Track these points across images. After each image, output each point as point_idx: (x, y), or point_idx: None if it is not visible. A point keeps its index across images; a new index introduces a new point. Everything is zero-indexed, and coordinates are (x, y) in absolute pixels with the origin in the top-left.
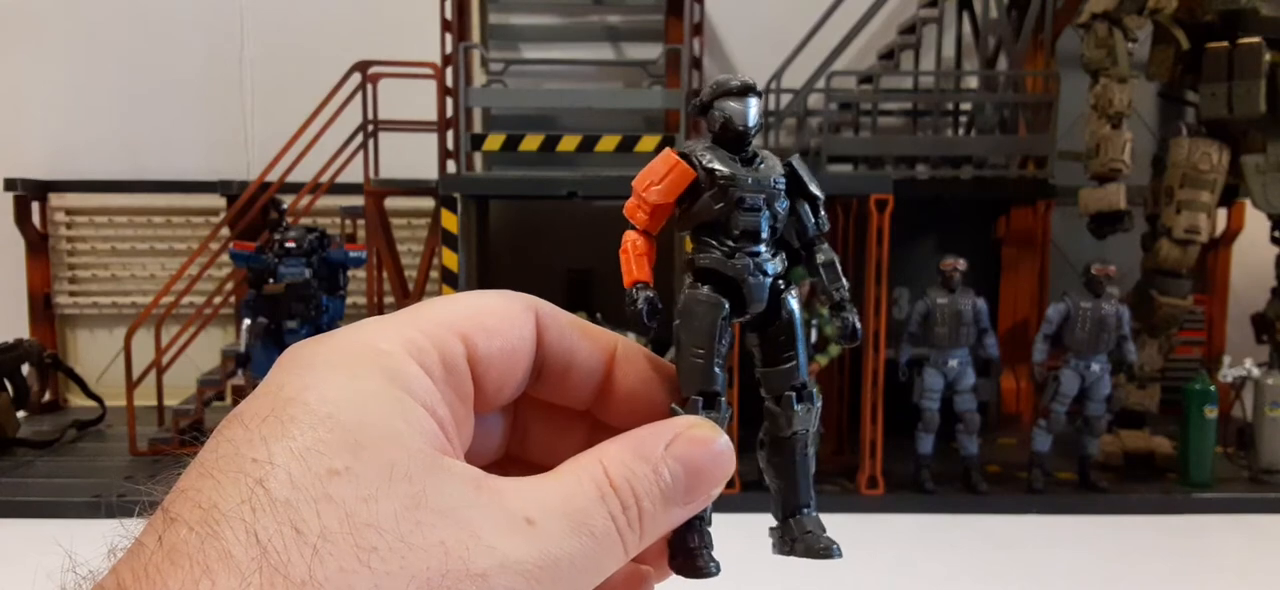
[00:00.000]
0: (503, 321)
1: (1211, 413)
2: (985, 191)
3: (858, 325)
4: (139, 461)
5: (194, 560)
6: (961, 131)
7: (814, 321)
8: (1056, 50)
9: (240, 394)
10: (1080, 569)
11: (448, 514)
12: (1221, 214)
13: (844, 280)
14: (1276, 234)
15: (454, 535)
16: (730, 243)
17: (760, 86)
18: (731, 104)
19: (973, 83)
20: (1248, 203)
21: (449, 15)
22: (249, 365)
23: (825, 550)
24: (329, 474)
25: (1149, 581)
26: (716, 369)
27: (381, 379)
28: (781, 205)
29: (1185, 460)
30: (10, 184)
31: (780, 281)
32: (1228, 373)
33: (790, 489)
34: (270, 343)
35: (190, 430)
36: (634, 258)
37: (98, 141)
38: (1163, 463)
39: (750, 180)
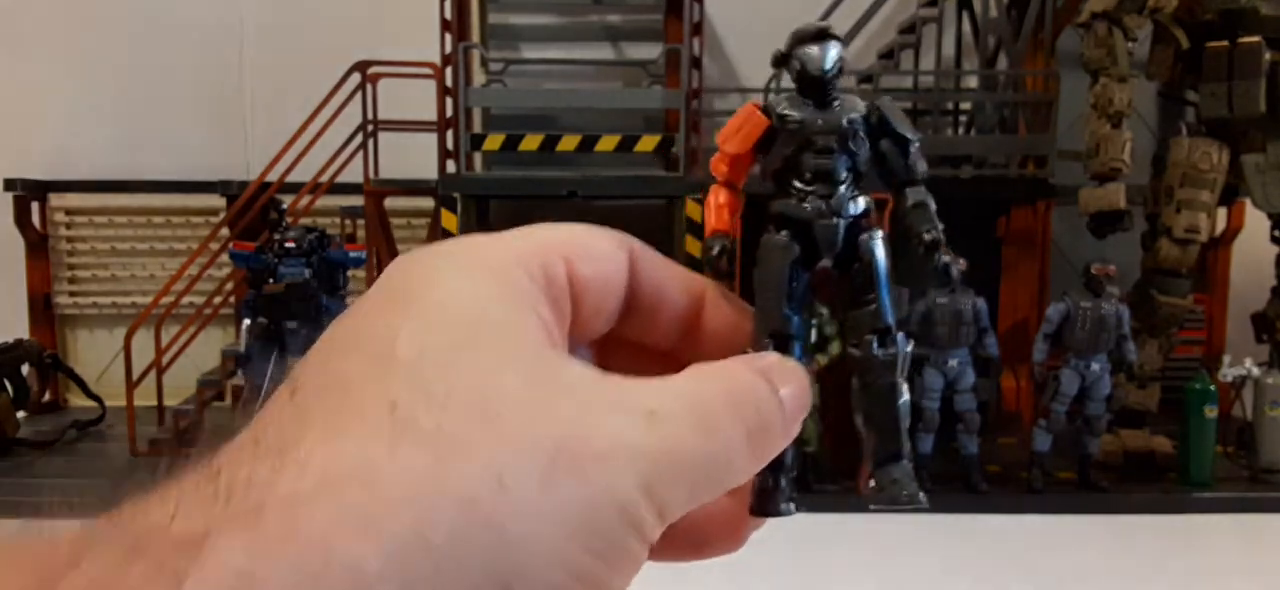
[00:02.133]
0: (600, 249)
1: (1211, 413)
2: (985, 191)
3: (951, 265)
4: (139, 461)
5: (327, 416)
6: (961, 131)
7: (813, 321)
8: (1056, 50)
9: (240, 394)
10: (1080, 569)
11: (569, 392)
12: (1221, 214)
13: (937, 222)
14: (1276, 234)
15: (575, 413)
16: (803, 186)
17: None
18: (806, 49)
19: (973, 83)
20: (1248, 202)
21: (449, 15)
22: (249, 365)
23: (908, 499)
24: (452, 347)
25: (1149, 581)
26: (787, 312)
27: (492, 280)
28: (859, 146)
29: (1185, 460)
30: (10, 184)
31: (864, 221)
32: (1228, 372)
33: (875, 438)
34: (270, 343)
35: (190, 430)
36: (713, 209)
37: (98, 141)
38: (1163, 463)
39: (820, 122)
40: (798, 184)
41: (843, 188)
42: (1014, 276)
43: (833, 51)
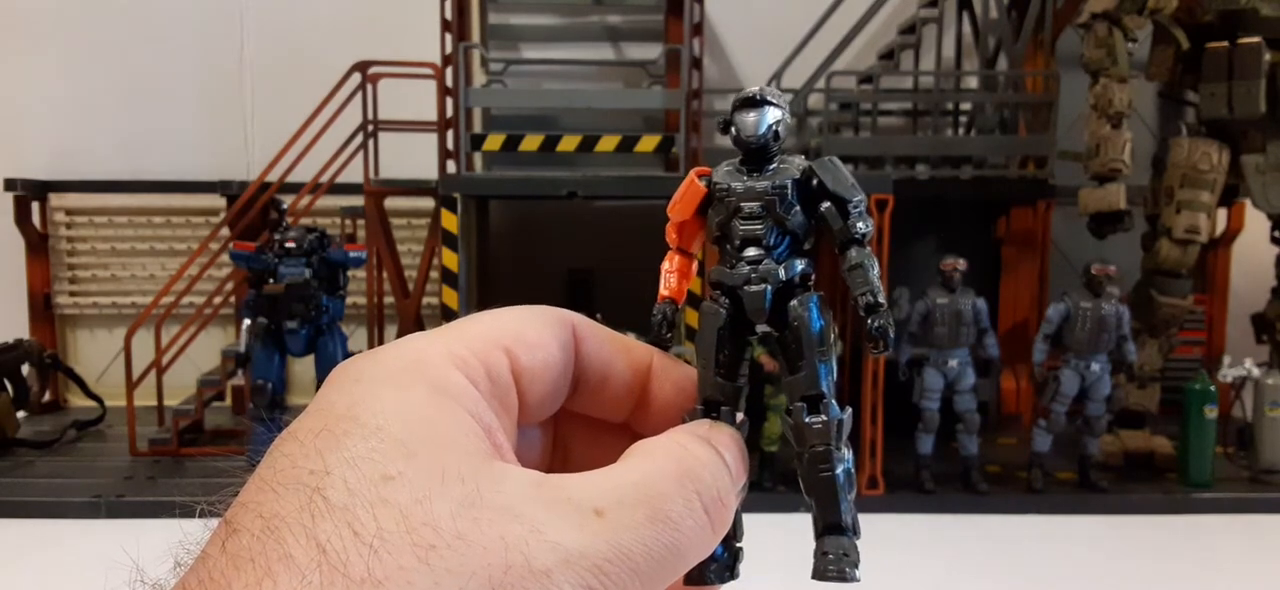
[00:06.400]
0: (543, 335)
1: (1211, 413)
2: (985, 191)
3: (888, 330)
4: (139, 461)
5: (256, 563)
6: (961, 131)
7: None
8: (1056, 50)
9: (240, 394)
10: (1080, 569)
11: (505, 510)
12: (1221, 214)
13: (875, 283)
14: (1276, 234)
15: (513, 531)
16: (733, 252)
17: (761, 87)
18: (740, 116)
19: (973, 83)
20: (1248, 203)
21: (449, 15)
22: (249, 365)
23: (836, 574)
24: (383, 479)
25: (1149, 581)
26: (717, 378)
27: (428, 390)
28: (787, 210)
29: (1185, 460)
30: (10, 184)
31: (796, 286)
32: (1228, 373)
33: (816, 508)
34: (270, 343)
35: (190, 430)
36: (663, 276)
37: (98, 141)
38: (1163, 463)
39: (743, 188)
40: (730, 251)
41: (772, 253)
42: (1014, 276)
43: (768, 116)
